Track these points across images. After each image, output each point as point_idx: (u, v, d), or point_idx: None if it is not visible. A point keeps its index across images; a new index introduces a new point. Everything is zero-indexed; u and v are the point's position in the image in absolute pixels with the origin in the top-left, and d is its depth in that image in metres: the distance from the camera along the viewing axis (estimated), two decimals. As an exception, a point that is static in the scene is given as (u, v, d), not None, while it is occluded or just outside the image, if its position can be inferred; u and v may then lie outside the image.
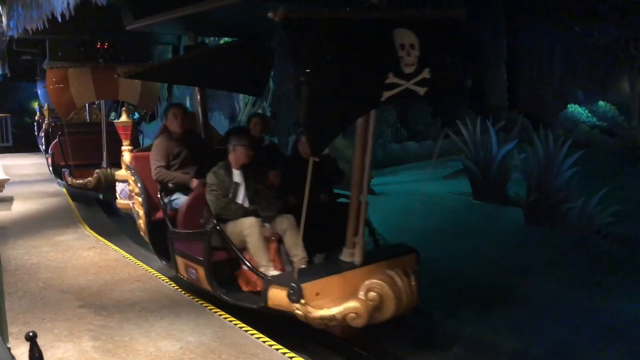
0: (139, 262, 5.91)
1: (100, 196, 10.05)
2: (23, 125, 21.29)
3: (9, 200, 9.14)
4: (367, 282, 3.72)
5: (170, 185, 5.29)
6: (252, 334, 4.06)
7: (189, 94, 17.08)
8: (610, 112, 10.09)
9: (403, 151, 11.55)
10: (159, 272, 5.62)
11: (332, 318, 3.73)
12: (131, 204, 5.81)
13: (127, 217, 9.33)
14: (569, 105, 10.66)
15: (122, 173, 6.29)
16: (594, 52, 10.43)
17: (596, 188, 6.23)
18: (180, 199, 5.21)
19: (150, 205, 5.39)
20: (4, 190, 8.71)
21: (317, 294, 3.82)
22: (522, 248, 6.02)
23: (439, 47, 3.68)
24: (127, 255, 6.20)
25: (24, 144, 19.09)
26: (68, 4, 5.31)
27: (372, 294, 3.69)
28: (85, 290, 4.95)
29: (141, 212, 5.44)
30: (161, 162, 5.21)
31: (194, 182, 5.15)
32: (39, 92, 14.79)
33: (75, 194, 10.17)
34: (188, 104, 17.22)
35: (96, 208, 9.84)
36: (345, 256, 4.09)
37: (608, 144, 9.48)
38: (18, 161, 15.88)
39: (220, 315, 4.46)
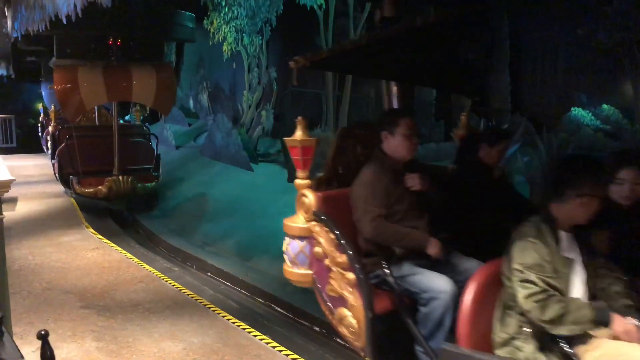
0: (142, 263, 5.92)
1: (111, 206, 9.48)
2: (27, 126, 21.36)
3: (13, 200, 9.18)
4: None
5: (396, 250, 3.02)
6: (255, 336, 4.08)
7: (192, 95, 17.13)
8: (613, 116, 10.02)
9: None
10: (163, 273, 5.64)
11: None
12: (315, 279, 3.23)
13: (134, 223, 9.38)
14: (572, 109, 10.59)
15: (296, 224, 3.26)
16: (597, 55, 10.42)
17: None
18: (416, 276, 2.90)
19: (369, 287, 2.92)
20: (9, 190, 8.70)
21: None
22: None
23: None
24: (130, 256, 6.22)
25: (28, 145, 19.16)
26: (75, 5, 5.32)
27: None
28: (89, 291, 4.97)
29: (353, 299, 2.91)
30: (379, 209, 3.00)
31: (434, 245, 2.93)
32: (43, 93, 14.71)
33: (84, 203, 9.40)
34: (191, 105, 17.29)
35: (99, 208, 9.87)
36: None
37: (611, 147, 9.43)
38: (22, 162, 15.93)
39: (224, 316, 4.48)
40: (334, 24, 11.63)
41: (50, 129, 12.31)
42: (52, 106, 12.41)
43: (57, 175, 10.25)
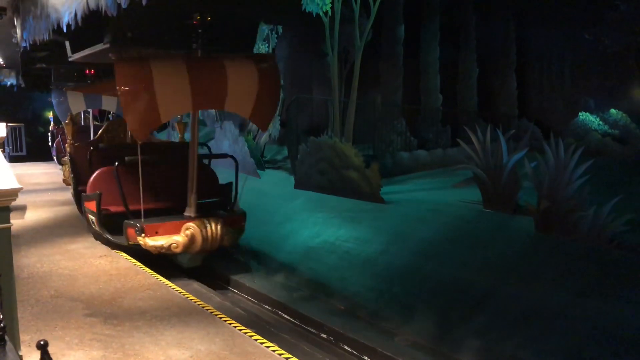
0: (149, 271, 5.93)
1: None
2: (37, 134, 21.56)
3: (22, 208, 9.24)
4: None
5: None
6: (262, 343, 4.07)
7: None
8: (622, 120, 10.01)
9: (412, 160, 11.51)
10: (169, 280, 5.65)
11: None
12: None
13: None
14: (580, 114, 10.59)
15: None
16: (604, 60, 10.37)
17: (608, 197, 6.16)
18: None
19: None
20: (17, 198, 8.78)
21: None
22: (532, 257, 5.97)
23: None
24: (138, 263, 6.23)
25: (38, 153, 19.33)
26: (75, 14, 5.38)
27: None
28: (96, 299, 4.98)
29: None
30: None
31: None
32: (53, 102, 15.22)
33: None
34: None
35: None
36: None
37: (620, 152, 9.40)
38: (31, 170, 16.06)
39: (231, 324, 4.47)
40: (339, 30, 11.67)
41: (67, 148, 9.51)
42: (68, 116, 10.54)
43: (93, 221, 7.15)
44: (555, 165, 6.49)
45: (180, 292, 5.25)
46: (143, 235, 6.24)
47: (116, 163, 6.61)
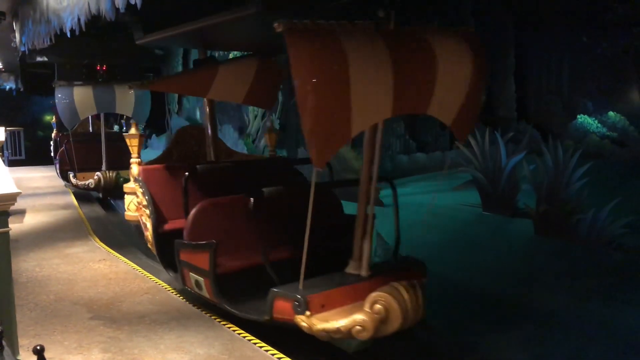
0: (148, 275, 5.93)
1: (100, 195, 11.51)
2: (36, 138, 21.56)
3: (21, 212, 9.22)
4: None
5: None
6: (261, 347, 4.06)
7: (199, 106, 17.23)
8: (620, 123, 10.02)
9: (412, 163, 11.53)
10: (169, 285, 5.64)
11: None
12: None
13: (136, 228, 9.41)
14: (578, 116, 10.61)
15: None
16: (602, 63, 10.40)
17: (607, 199, 6.18)
18: None
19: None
20: (16, 203, 8.79)
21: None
22: (532, 260, 5.98)
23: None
24: (137, 267, 6.23)
25: (37, 157, 19.32)
26: (78, 19, 5.41)
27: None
28: (95, 303, 4.97)
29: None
30: None
31: None
32: (56, 104, 14.01)
33: (79, 194, 11.67)
34: (198, 116, 17.38)
35: (106, 220, 9.91)
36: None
37: (618, 154, 9.40)
38: (30, 174, 16.05)
39: (230, 327, 4.46)
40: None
41: (132, 170, 11.83)
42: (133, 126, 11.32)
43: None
44: (554, 168, 6.51)
45: (179, 296, 5.25)
46: (308, 313, 3.73)
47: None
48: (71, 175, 11.65)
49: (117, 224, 9.71)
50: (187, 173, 5.05)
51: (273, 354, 3.93)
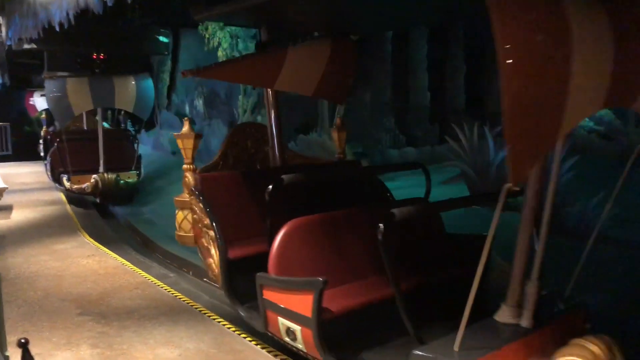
0: (138, 270, 5.91)
1: (98, 200, 10.47)
2: (23, 134, 21.32)
3: (8, 208, 9.14)
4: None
5: None
6: (251, 341, 4.07)
7: (188, 101, 17.14)
8: (607, 117, 10.10)
9: (402, 157, 11.55)
10: (159, 280, 5.63)
11: None
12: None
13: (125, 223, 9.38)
14: (566, 110, 10.70)
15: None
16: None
17: (594, 192, 6.23)
18: None
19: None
20: (2, 198, 8.74)
21: None
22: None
23: None
24: (126, 262, 6.21)
25: (24, 153, 19.13)
26: (67, 13, 5.34)
27: None
28: (84, 298, 4.95)
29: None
30: None
31: None
32: (46, 98, 13.04)
33: (73, 198, 10.78)
34: (187, 111, 17.29)
35: (94, 215, 9.85)
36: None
37: (605, 148, 9.49)
38: (17, 170, 15.90)
39: (219, 322, 4.47)
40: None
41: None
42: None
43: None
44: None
45: (169, 291, 5.24)
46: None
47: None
48: (64, 178, 10.52)
49: (106, 220, 9.67)
50: (270, 187, 3.66)
51: (263, 348, 3.94)
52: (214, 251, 4.11)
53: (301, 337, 3.27)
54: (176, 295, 5.11)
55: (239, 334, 4.20)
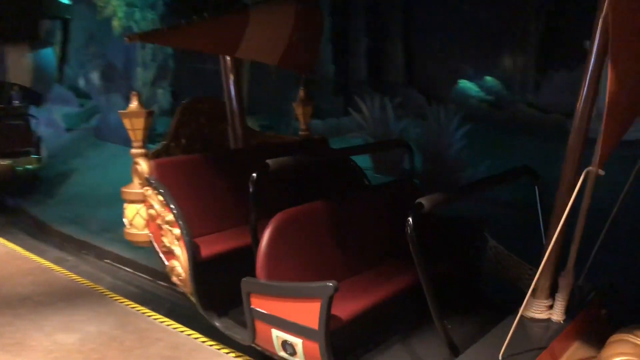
0: (30, 255, 5.57)
1: None
2: None
3: None
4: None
5: None
6: (157, 319, 4.01)
7: (82, 74, 16.08)
8: (496, 87, 10.81)
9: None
10: (56, 264, 5.35)
11: None
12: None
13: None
14: (459, 81, 11.29)
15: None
16: (481, 30, 11.10)
17: (485, 158, 6.71)
18: None
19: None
20: None
21: None
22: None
23: None
24: (17, 248, 5.82)
25: None
26: None
27: None
28: (-30, 288, 4.60)
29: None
30: None
31: None
32: None
33: None
34: (82, 85, 16.22)
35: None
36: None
37: (495, 116, 10.17)
38: None
39: (122, 302, 4.36)
40: (228, -2, 11.34)
41: None
42: None
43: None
44: (437, 130, 6.93)
45: (67, 275, 5.00)
46: None
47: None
48: None
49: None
50: (254, 175, 3.09)
51: (169, 325, 3.91)
52: (179, 252, 3.44)
53: (302, 352, 2.75)
54: (75, 279, 4.89)
55: (144, 313, 4.12)
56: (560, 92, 9.21)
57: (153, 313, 4.16)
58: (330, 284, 2.52)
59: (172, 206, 3.43)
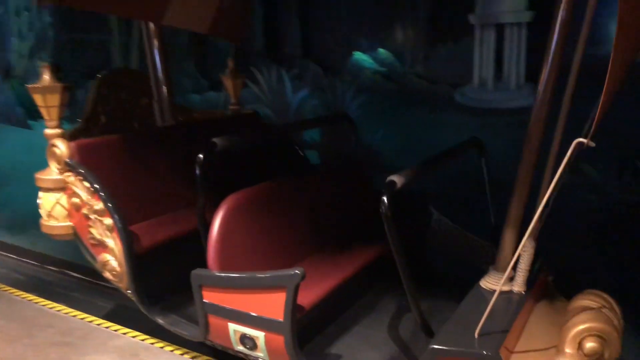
0: None
1: None
2: None
3: None
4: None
5: None
6: (45, 305, 3.79)
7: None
8: (388, 59, 11.16)
9: (204, 102, 11.36)
10: None
11: None
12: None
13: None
14: (354, 53, 11.54)
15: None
16: (374, 3, 11.36)
17: (378, 127, 6.97)
18: None
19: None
20: None
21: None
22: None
23: None
24: None
25: None
26: None
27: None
28: None
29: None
30: None
31: None
32: None
33: None
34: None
35: None
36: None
37: (387, 87, 10.54)
38: None
39: (6, 290, 4.06)
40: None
41: None
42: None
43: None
44: (333, 101, 7.07)
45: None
46: None
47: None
48: None
49: None
50: (201, 155, 2.73)
51: (59, 310, 3.71)
52: (113, 244, 3.09)
53: (264, 345, 2.57)
54: (-53, 270, 4.46)
55: (31, 300, 3.87)
56: (446, 63, 9.72)
57: (41, 299, 3.92)
58: (298, 272, 2.35)
59: (101, 193, 3.03)
